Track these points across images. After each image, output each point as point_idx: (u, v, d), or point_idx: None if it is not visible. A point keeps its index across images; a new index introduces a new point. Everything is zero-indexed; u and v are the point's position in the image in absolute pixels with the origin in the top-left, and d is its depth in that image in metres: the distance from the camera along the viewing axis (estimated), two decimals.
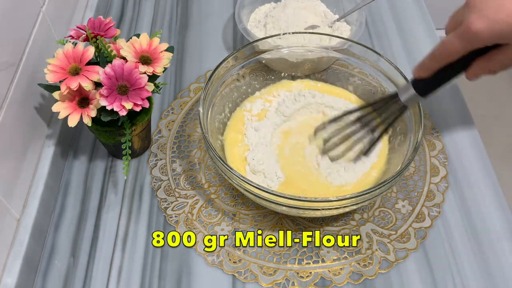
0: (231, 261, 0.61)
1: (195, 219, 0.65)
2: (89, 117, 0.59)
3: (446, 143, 0.72)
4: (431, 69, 0.55)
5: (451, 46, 0.52)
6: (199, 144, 0.72)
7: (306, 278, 0.60)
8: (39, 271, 0.61)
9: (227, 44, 0.86)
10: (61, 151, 0.70)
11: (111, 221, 0.65)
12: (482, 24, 0.48)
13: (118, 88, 0.59)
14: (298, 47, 0.71)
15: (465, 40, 0.50)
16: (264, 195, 0.56)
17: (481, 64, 0.53)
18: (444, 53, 0.53)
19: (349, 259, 0.61)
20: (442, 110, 0.76)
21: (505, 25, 0.48)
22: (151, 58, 0.62)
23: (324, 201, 0.54)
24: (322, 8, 0.84)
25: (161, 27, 0.89)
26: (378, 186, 0.55)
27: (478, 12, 0.49)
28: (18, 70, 0.61)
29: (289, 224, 0.64)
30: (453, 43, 0.51)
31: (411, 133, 0.61)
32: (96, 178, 0.69)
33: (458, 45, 0.51)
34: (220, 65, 0.66)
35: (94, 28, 0.63)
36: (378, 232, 0.63)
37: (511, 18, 0.48)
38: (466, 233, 0.63)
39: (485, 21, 0.48)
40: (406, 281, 0.60)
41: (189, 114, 0.76)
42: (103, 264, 0.62)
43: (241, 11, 0.80)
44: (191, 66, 0.83)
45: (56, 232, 0.65)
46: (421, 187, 0.67)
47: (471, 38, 0.50)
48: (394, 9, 0.92)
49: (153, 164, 0.70)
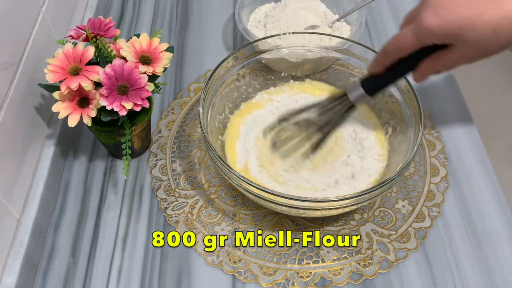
0: (231, 261, 0.61)
1: (195, 219, 0.65)
2: (89, 117, 0.59)
3: (446, 143, 0.72)
4: (384, 64, 0.57)
5: (403, 40, 0.53)
6: (199, 144, 0.72)
7: (306, 278, 0.60)
8: (39, 271, 0.61)
9: (227, 44, 0.86)
10: (61, 151, 0.70)
11: (111, 221, 0.65)
12: (433, 21, 0.50)
13: (118, 88, 0.59)
14: (298, 47, 0.71)
15: (417, 35, 0.52)
16: (264, 195, 0.56)
17: (427, 64, 0.54)
18: (396, 47, 0.54)
19: (349, 259, 0.61)
20: (442, 110, 0.76)
21: (453, 26, 0.49)
22: (151, 58, 0.62)
23: (324, 201, 0.54)
24: (322, 8, 0.84)
25: (161, 27, 0.89)
26: (378, 186, 0.55)
27: (432, 9, 0.50)
28: (18, 70, 0.61)
29: (289, 224, 0.64)
30: (405, 37, 0.53)
31: (411, 133, 0.61)
32: (96, 178, 0.69)
33: (410, 40, 0.52)
34: (220, 65, 0.66)
35: (94, 28, 0.63)
36: (378, 232, 0.63)
37: (460, 19, 0.49)
38: (466, 233, 0.63)
39: (436, 18, 0.50)
40: (406, 281, 0.60)
41: (189, 114, 0.76)
42: (103, 264, 0.62)
43: (241, 11, 0.80)
44: (191, 66, 0.83)
45: (56, 232, 0.65)
46: (421, 187, 0.67)
47: (422, 33, 0.51)
48: (394, 9, 0.92)
49: (153, 164, 0.70)
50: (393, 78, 0.59)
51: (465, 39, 0.50)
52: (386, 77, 0.59)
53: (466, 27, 0.49)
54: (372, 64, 0.58)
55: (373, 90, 0.60)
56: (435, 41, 0.52)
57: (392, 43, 0.55)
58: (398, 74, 0.58)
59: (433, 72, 0.55)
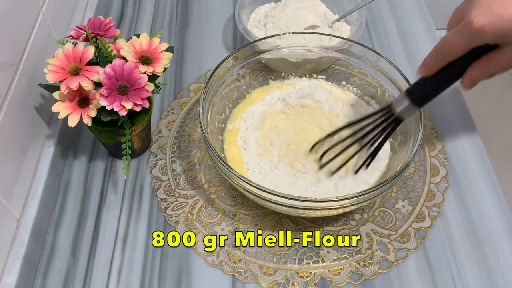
0: (231, 261, 0.61)
1: (195, 219, 0.65)
2: (89, 117, 0.59)
3: (446, 143, 0.72)
4: (433, 68, 0.53)
5: (452, 43, 0.49)
6: (199, 144, 0.72)
7: (306, 278, 0.60)
8: (39, 271, 0.61)
9: (227, 44, 0.86)
10: (61, 151, 0.70)
11: (111, 221, 0.65)
12: (485, 20, 0.46)
13: (118, 88, 0.59)
14: (298, 47, 0.71)
15: (467, 36, 0.48)
16: (264, 195, 0.56)
17: (478, 68, 0.51)
18: (446, 50, 0.51)
19: (349, 259, 0.61)
20: (442, 110, 0.76)
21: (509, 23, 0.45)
22: (151, 58, 0.62)
23: (324, 201, 0.54)
24: (322, 8, 0.84)
25: (161, 27, 0.89)
26: (378, 186, 0.55)
27: (482, 6, 0.46)
28: (18, 70, 0.61)
29: (289, 224, 0.64)
30: (454, 39, 0.49)
31: (411, 133, 0.61)
32: (96, 178, 0.69)
33: (459, 42, 0.49)
34: (220, 65, 0.66)
35: (94, 28, 0.63)
36: (378, 232, 0.63)
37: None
38: (466, 233, 0.63)
39: (489, 16, 0.46)
40: (406, 281, 0.60)
41: (189, 114, 0.76)
42: (103, 264, 0.62)
43: (241, 11, 0.80)
44: (191, 66, 0.83)
45: (56, 232, 0.65)
46: (421, 187, 0.67)
47: (473, 34, 0.47)
48: (394, 9, 0.92)
49: (153, 164, 0.70)
50: (443, 85, 0.54)
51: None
52: (434, 85, 0.54)
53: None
54: (421, 67, 0.54)
55: (421, 101, 0.55)
56: (488, 41, 0.47)
57: (440, 46, 0.51)
58: (448, 81, 0.54)
59: (486, 76, 0.51)
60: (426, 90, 0.55)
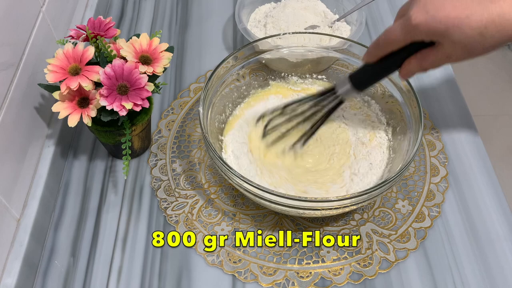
0: (231, 261, 0.61)
1: (195, 219, 0.65)
2: (89, 117, 0.59)
3: (446, 143, 0.72)
4: (376, 55, 0.57)
5: (393, 34, 0.53)
6: (199, 144, 0.72)
7: (306, 278, 0.60)
8: (39, 271, 0.61)
9: (227, 44, 0.86)
10: (61, 151, 0.70)
11: (111, 221, 0.65)
12: (421, 18, 0.50)
13: (118, 88, 0.59)
14: (298, 47, 0.71)
15: (405, 30, 0.52)
16: (264, 195, 0.56)
17: (414, 61, 0.54)
18: (386, 41, 0.55)
19: (349, 259, 0.61)
20: (442, 110, 0.76)
21: (441, 25, 0.49)
22: (151, 58, 0.62)
23: (324, 201, 0.54)
24: (322, 8, 0.84)
25: (161, 27, 0.89)
26: (378, 186, 0.55)
27: (421, 6, 0.51)
28: (18, 70, 0.61)
29: (289, 224, 0.64)
30: (395, 31, 0.53)
31: (411, 133, 0.62)
32: (96, 178, 0.69)
33: (398, 34, 0.53)
34: (220, 65, 0.66)
35: (94, 28, 0.63)
36: (378, 232, 0.63)
37: (447, 19, 0.49)
38: (466, 233, 0.63)
39: (424, 16, 0.50)
40: (406, 281, 0.60)
41: (189, 114, 0.76)
42: (103, 264, 0.62)
43: (241, 11, 0.80)
44: (191, 66, 0.83)
45: (56, 232, 0.65)
46: (421, 187, 0.67)
47: (410, 29, 0.51)
48: (394, 9, 0.92)
49: (153, 164, 0.70)
50: (382, 73, 0.59)
51: (452, 39, 0.50)
52: (374, 72, 0.59)
53: (453, 27, 0.49)
54: (365, 54, 0.58)
55: (361, 85, 0.60)
56: (422, 37, 0.52)
57: (383, 36, 0.55)
58: (387, 70, 0.58)
59: (420, 69, 0.55)
60: (367, 75, 0.59)
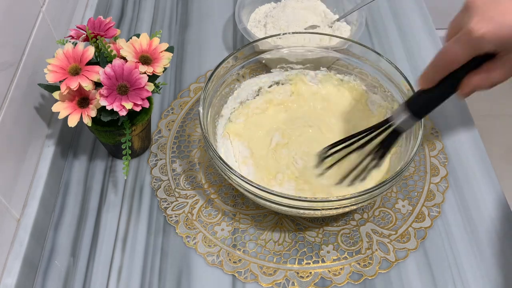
0: (231, 261, 0.61)
1: (195, 219, 0.65)
2: (89, 117, 0.59)
3: (446, 143, 0.72)
4: (434, 79, 0.52)
5: (452, 53, 0.48)
6: (199, 144, 0.72)
7: (306, 278, 0.60)
8: (39, 271, 0.61)
9: (227, 44, 0.86)
10: (61, 151, 0.70)
11: (111, 221, 0.65)
12: (486, 28, 0.45)
13: (118, 88, 0.59)
14: (298, 47, 0.71)
15: (468, 45, 0.47)
16: (264, 195, 0.56)
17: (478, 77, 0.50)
18: (446, 62, 0.50)
19: (349, 259, 0.61)
20: (442, 110, 0.76)
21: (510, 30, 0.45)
22: (151, 58, 0.62)
23: (324, 201, 0.54)
24: (322, 8, 0.84)
25: (161, 27, 0.89)
26: (378, 186, 0.55)
27: (481, 15, 0.46)
28: (18, 70, 0.61)
29: (289, 224, 0.64)
30: (454, 49, 0.48)
31: (411, 133, 0.61)
32: (96, 178, 0.69)
33: (459, 52, 0.48)
34: (220, 65, 0.66)
35: (94, 28, 0.63)
36: (378, 232, 0.63)
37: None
38: (466, 233, 0.63)
39: (489, 24, 0.45)
40: (406, 281, 0.60)
41: (189, 114, 0.76)
42: (103, 264, 0.62)
43: (241, 11, 0.80)
44: (191, 66, 0.83)
45: (56, 232, 0.65)
46: (421, 187, 0.67)
47: (474, 43, 0.46)
48: (394, 9, 0.92)
49: (153, 164, 0.70)
50: (442, 96, 0.53)
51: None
52: (434, 97, 0.53)
53: None
54: (421, 80, 0.52)
55: (421, 112, 0.55)
56: (489, 49, 0.47)
57: (440, 57, 0.50)
58: (447, 92, 0.52)
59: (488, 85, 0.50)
60: (427, 101, 0.54)
